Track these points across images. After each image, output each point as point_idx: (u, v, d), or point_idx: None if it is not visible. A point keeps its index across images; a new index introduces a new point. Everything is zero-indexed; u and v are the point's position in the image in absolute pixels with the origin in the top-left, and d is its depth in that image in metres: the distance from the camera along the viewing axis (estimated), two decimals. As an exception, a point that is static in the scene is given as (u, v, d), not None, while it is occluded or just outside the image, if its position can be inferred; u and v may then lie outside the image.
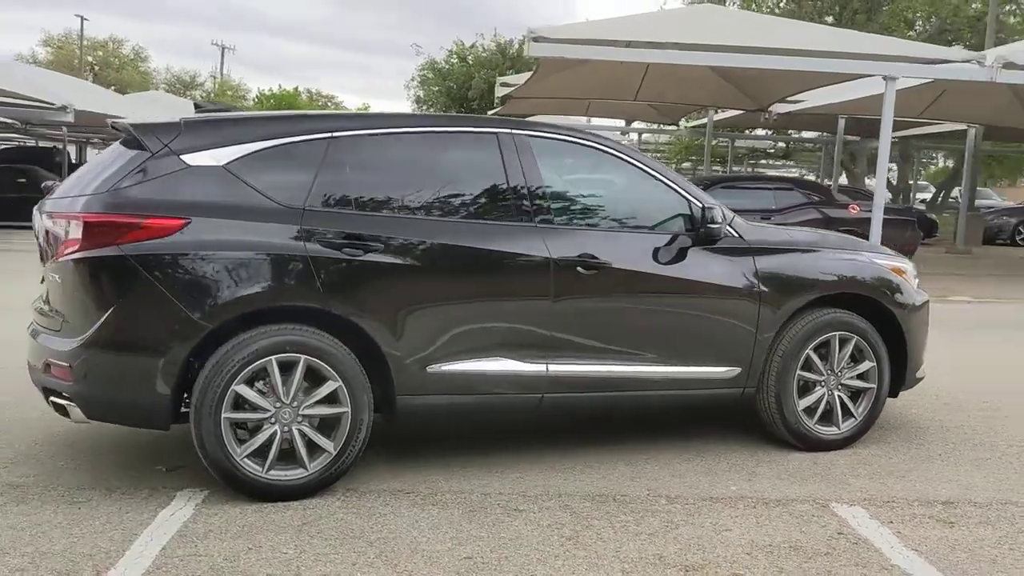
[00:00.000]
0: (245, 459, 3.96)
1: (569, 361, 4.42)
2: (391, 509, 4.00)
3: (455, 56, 31.92)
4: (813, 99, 18.56)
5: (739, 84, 17.90)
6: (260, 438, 3.98)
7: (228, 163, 4.06)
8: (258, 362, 3.92)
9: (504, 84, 21.57)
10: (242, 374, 3.91)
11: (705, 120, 24.11)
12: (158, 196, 3.96)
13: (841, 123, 21.41)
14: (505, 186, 4.43)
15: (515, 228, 4.39)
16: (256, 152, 4.11)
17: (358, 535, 3.71)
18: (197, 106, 4.83)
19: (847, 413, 4.98)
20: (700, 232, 4.62)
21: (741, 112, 20.94)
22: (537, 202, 4.44)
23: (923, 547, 3.74)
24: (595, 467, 4.60)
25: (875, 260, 5.15)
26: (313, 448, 4.07)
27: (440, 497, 4.13)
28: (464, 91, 30.76)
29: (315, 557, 3.49)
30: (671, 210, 4.72)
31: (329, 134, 4.24)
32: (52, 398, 4.10)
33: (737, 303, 4.70)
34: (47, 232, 4.17)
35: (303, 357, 3.97)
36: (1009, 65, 11.77)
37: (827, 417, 4.93)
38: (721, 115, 23.46)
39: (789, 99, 18.75)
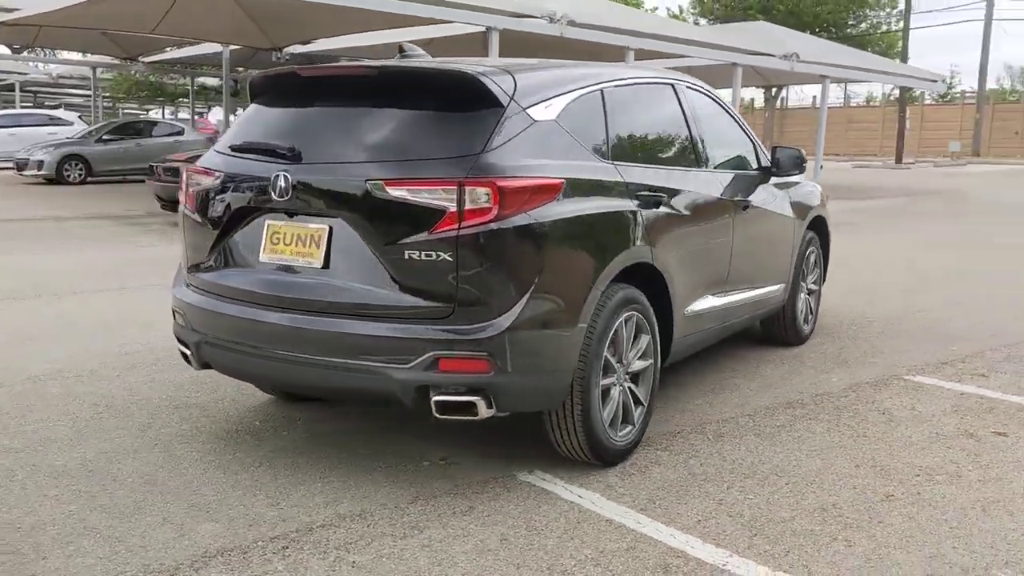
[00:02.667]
0: (608, 426, 3.83)
1: (732, 292, 4.95)
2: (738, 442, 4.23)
3: None
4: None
5: (261, 21, 17.56)
6: (612, 400, 3.87)
7: (557, 116, 3.73)
8: (615, 323, 3.80)
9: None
10: (607, 338, 3.75)
11: (167, 55, 22.80)
12: (532, 156, 3.52)
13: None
14: (687, 135, 4.72)
15: (709, 175, 4.74)
16: (568, 104, 3.83)
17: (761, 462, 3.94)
18: (401, 50, 4.08)
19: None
20: (768, 170, 5.41)
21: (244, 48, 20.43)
22: (706, 150, 4.82)
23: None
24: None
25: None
26: (635, 404, 4.05)
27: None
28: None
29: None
30: (750, 152, 5.42)
31: (601, 84, 4.10)
32: (440, 396, 3.37)
33: (787, 227, 5.65)
34: (388, 204, 3.37)
35: (635, 314, 3.94)
36: (572, 23, 13.80)
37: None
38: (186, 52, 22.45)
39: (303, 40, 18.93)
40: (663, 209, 4.12)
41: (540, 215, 3.40)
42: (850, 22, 40.51)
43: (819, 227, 6.24)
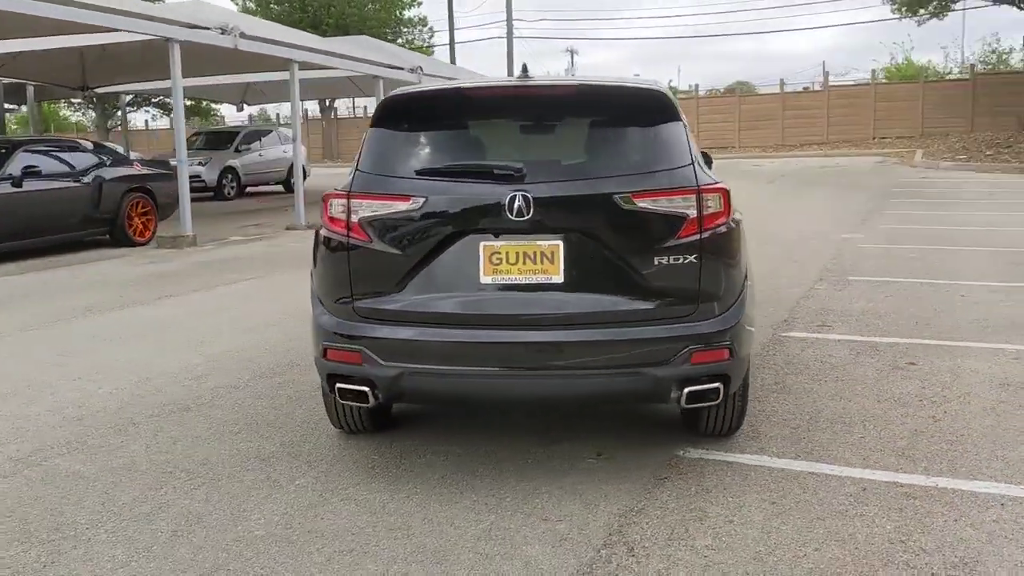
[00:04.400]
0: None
1: None
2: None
3: None
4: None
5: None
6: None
7: None
8: None
9: None
10: None
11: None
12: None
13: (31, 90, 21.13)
14: None
15: None
16: None
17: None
18: (524, 69, 4.20)
19: None
20: None
21: None
22: None
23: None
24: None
25: None
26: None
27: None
28: None
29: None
30: None
31: None
32: (693, 387, 3.70)
33: None
34: (633, 214, 3.68)
35: None
36: (243, 35, 13.54)
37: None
38: None
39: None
40: None
41: (736, 216, 3.96)
42: (389, 37, 42.97)
43: None
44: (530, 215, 3.62)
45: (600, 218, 3.68)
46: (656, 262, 3.67)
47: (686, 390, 3.71)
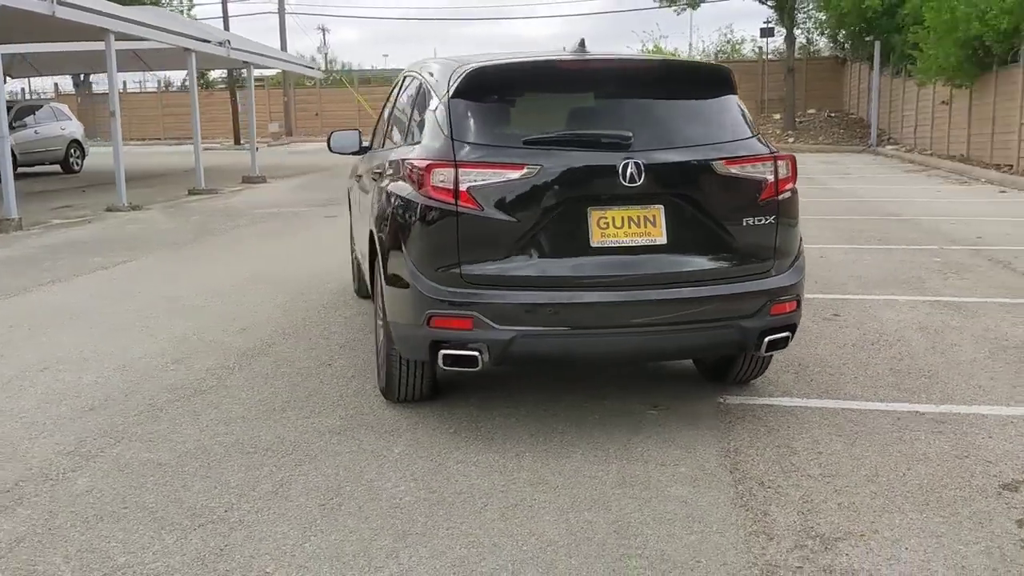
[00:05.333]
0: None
1: None
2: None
3: None
4: None
5: None
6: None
7: None
8: None
9: None
10: None
11: None
12: None
13: None
14: None
15: None
16: None
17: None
18: (583, 43, 4.38)
19: None
20: None
21: None
22: None
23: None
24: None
25: None
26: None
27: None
28: None
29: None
30: None
31: None
32: (772, 336, 4.10)
33: None
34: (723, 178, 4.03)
35: None
36: (62, 3, 12.53)
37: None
38: None
39: None
40: None
41: None
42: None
43: None
44: (641, 181, 3.87)
45: (697, 183, 4.00)
46: (743, 223, 4.05)
47: (766, 339, 4.13)
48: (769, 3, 35.18)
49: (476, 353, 3.91)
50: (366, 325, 6.28)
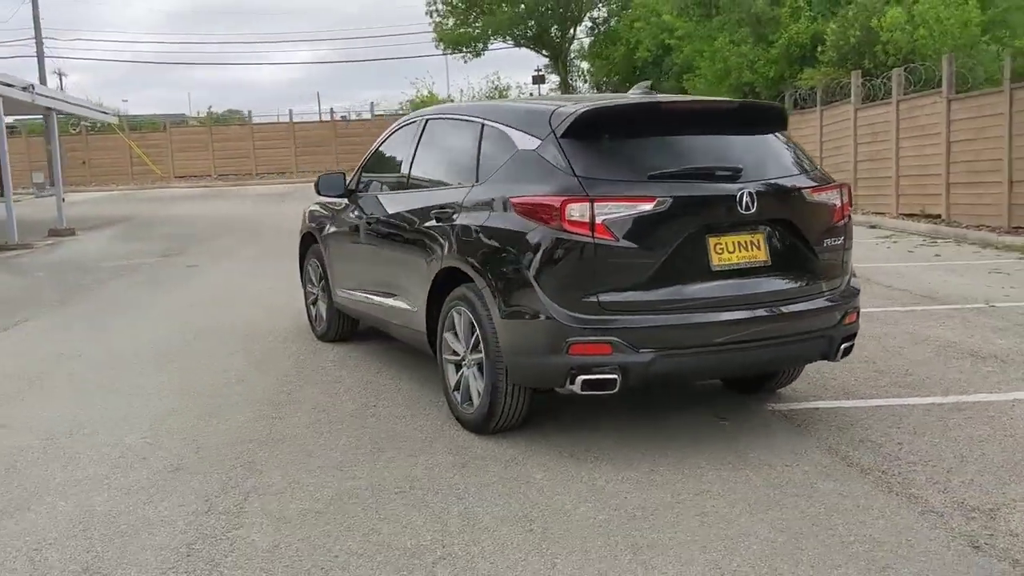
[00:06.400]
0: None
1: None
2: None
3: None
4: None
5: None
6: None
7: None
8: None
9: None
10: None
11: None
12: None
13: None
14: None
15: None
16: None
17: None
18: (652, 87, 4.73)
19: None
20: None
21: None
22: None
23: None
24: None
25: None
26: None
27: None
28: None
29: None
30: None
31: None
32: (846, 344, 4.63)
33: None
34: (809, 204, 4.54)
35: None
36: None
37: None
38: None
39: None
40: None
41: None
42: None
43: None
44: (754, 208, 4.29)
45: (791, 209, 4.48)
46: (824, 243, 4.57)
47: (842, 346, 4.65)
48: (544, 52, 37.19)
49: (615, 376, 4.13)
50: (362, 365, 6.34)
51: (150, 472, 4.39)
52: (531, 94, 41.94)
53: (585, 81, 40.21)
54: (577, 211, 4.13)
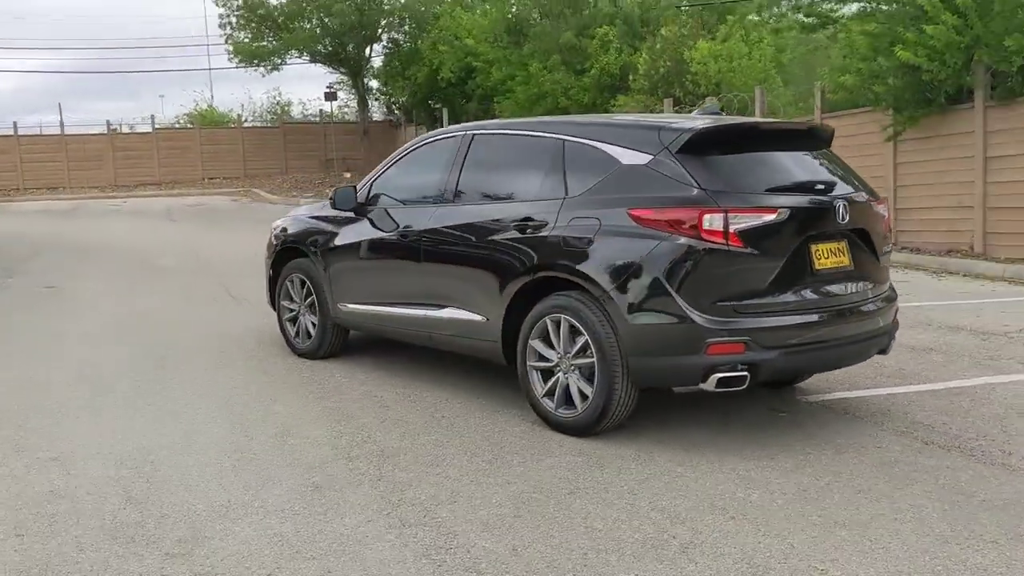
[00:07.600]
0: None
1: None
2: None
3: None
4: None
5: None
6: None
7: None
8: None
9: None
10: None
11: None
12: None
13: None
14: None
15: None
16: None
17: None
18: (721, 109, 5.11)
19: None
20: None
21: None
22: None
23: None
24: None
25: None
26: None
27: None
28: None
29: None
30: None
31: None
32: (894, 339, 5.24)
33: None
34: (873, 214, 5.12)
35: None
36: None
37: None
38: None
39: None
40: None
41: None
42: None
43: None
44: (848, 219, 4.79)
45: (864, 218, 5.01)
46: (881, 249, 5.17)
47: (892, 341, 5.26)
48: (343, 70, 36.86)
49: (747, 373, 4.48)
50: (387, 381, 6.24)
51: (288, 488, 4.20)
52: (320, 110, 41.32)
53: (377, 99, 40.08)
54: (712, 221, 4.44)
